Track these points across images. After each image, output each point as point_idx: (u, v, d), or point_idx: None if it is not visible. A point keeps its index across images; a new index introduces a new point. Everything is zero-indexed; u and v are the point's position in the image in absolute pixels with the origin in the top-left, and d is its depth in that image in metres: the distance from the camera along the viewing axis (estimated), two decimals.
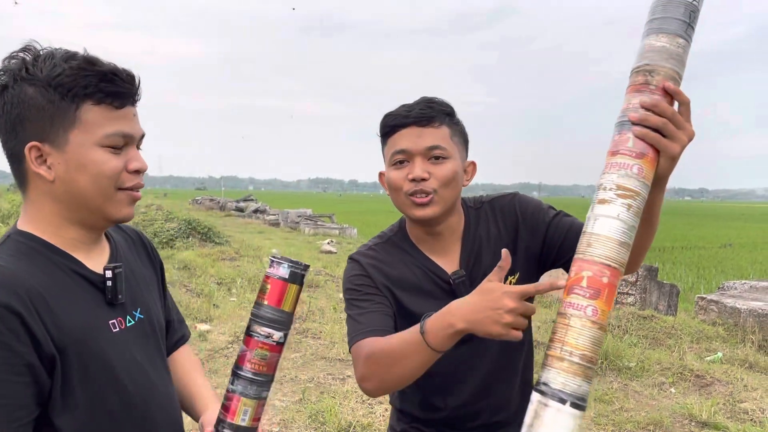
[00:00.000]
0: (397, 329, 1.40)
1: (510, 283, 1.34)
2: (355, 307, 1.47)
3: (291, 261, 1.11)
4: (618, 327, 6.59)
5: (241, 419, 1.10)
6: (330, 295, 8.47)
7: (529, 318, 1.17)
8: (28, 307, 0.95)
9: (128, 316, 1.13)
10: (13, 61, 1.01)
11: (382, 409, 4.50)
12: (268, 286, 1.11)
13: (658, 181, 1.13)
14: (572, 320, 0.99)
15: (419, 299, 1.47)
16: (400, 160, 1.42)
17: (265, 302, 1.10)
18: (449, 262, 1.50)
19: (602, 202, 1.04)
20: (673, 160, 1.08)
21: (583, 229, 1.07)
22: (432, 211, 1.41)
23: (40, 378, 0.97)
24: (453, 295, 1.40)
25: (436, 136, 1.41)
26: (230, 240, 14.49)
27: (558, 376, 0.98)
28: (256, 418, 1.11)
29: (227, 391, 1.12)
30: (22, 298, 0.95)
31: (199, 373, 1.40)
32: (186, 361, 1.40)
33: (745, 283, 8.13)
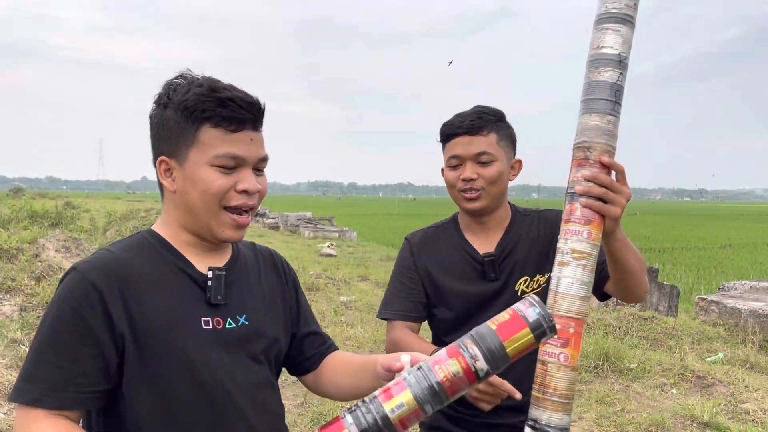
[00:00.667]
0: (427, 305, 1.80)
1: (538, 282, 1.73)
2: (398, 283, 1.83)
3: (545, 312, 0.99)
4: (619, 328, 6.60)
5: (391, 410, 0.97)
6: (330, 299, 8.47)
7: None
8: (112, 289, 1.08)
9: (230, 319, 1.20)
10: (166, 85, 1.16)
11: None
12: (507, 317, 1.00)
13: (609, 235, 1.38)
14: (549, 366, 1.26)
15: (450, 277, 1.78)
16: (455, 164, 1.73)
17: (494, 328, 0.99)
18: (486, 247, 1.78)
19: (561, 264, 1.28)
20: (615, 220, 1.32)
21: (549, 287, 1.30)
22: (480, 204, 1.72)
23: (108, 354, 1.07)
24: (483, 276, 1.74)
25: (484, 143, 1.69)
26: None
27: (544, 413, 1.25)
28: (403, 423, 0.98)
29: (399, 377, 1.02)
30: (109, 279, 1.08)
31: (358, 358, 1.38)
32: (345, 354, 1.42)
33: (745, 283, 8.14)
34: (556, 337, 1.21)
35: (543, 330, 0.99)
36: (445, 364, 0.98)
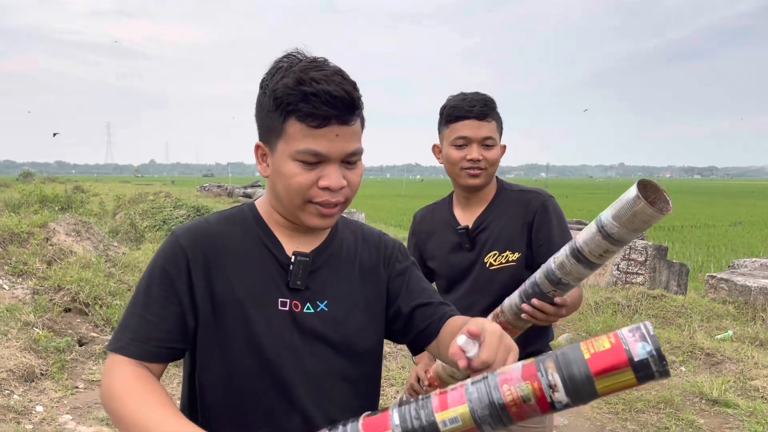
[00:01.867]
0: (423, 267, 2.01)
1: (506, 258, 1.90)
2: None
3: (657, 350, 0.78)
4: (628, 307, 6.60)
5: (443, 422, 0.85)
6: None
7: None
8: (198, 257, 1.14)
9: (308, 304, 1.20)
10: (273, 70, 1.14)
11: (393, 391, 4.54)
12: (607, 346, 0.80)
13: None
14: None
15: (437, 247, 2.03)
16: (461, 144, 1.88)
17: (587, 356, 0.81)
18: (467, 220, 1.98)
19: None
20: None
21: None
22: (480, 181, 1.91)
23: (187, 316, 1.13)
24: (460, 246, 1.96)
25: (489, 128, 1.87)
26: None
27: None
28: None
29: (461, 384, 0.89)
30: (198, 248, 1.15)
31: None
32: (461, 318, 1.28)
33: (755, 260, 8.09)
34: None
35: (650, 373, 0.78)
36: (515, 385, 0.83)
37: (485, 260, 1.92)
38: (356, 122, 1.13)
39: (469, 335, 0.97)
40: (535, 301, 1.58)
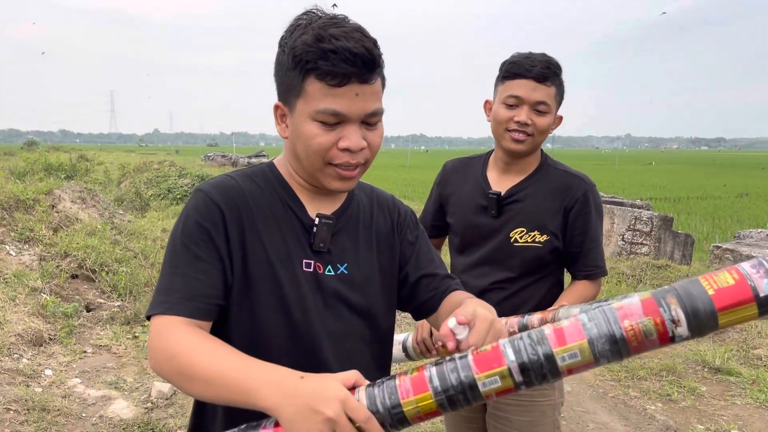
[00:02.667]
0: (444, 226, 2.01)
1: (533, 238, 1.80)
2: (427, 200, 2.09)
3: None
4: (632, 276, 6.61)
5: (561, 358, 0.86)
6: None
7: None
8: (233, 213, 1.12)
9: (330, 266, 1.20)
10: (291, 27, 1.10)
11: (395, 367, 4.58)
12: (731, 281, 0.82)
13: None
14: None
15: (462, 205, 1.93)
16: (512, 104, 1.76)
17: (710, 292, 0.83)
18: (502, 187, 1.86)
19: None
20: None
21: None
22: (523, 148, 1.79)
23: (227, 273, 1.11)
24: (485, 210, 1.85)
25: (546, 93, 1.74)
26: None
27: None
28: (570, 372, 0.87)
29: (573, 319, 0.89)
30: (231, 203, 1.13)
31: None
32: (461, 294, 1.31)
33: (761, 231, 8.06)
34: None
35: None
36: (635, 319, 0.84)
37: (510, 235, 1.82)
38: (377, 81, 1.09)
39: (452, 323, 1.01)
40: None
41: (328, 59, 1.03)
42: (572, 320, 0.88)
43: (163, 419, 3.59)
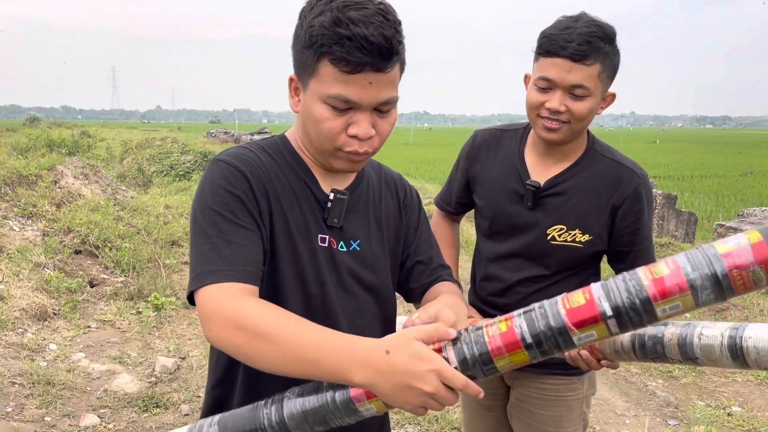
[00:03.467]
0: (469, 204, 1.84)
1: (573, 237, 1.62)
2: (450, 174, 1.89)
3: None
4: None
5: (662, 311, 0.81)
6: None
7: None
8: (258, 182, 1.10)
9: (342, 242, 1.20)
10: (312, 1, 1.06)
11: None
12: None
13: None
14: None
15: (494, 189, 1.72)
16: (544, 86, 1.52)
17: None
18: (540, 175, 1.65)
19: None
20: None
21: None
22: (557, 137, 1.56)
23: (264, 239, 1.09)
24: (521, 200, 1.65)
25: (584, 74, 1.46)
26: None
27: None
28: (668, 317, 0.83)
29: (674, 268, 0.81)
30: (255, 173, 1.10)
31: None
32: (445, 286, 1.32)
33: (765, 209, 8.03)
34: None
35: None
36: (745, 268, 0.77)
37: (548, 232, 1.64)
38: (393, 69, 1.05)
39: (409, 322, 1.01)
40: (583, 352, 1.32)
41: (343, 45, 0.99)
42: (672, 270, 0.81)
43: (167, 393, 3.63)
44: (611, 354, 1.27)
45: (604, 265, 1.78)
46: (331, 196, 1.18)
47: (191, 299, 1.04)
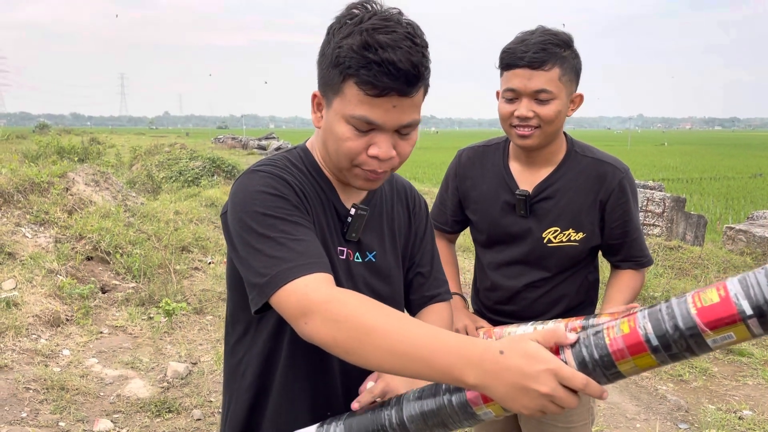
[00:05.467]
0: (463, 221, 1.88)
1: (568, 237, 1.69)
2: (439, 194, 1.94)
3: None
4: None
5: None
6: None
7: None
8: (299, 191, 1.12)
9: (358, 253, 1.22)
10: (345, 12, 1.08)
11: None
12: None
13: None
14: None
15: (486, 203, 1.78)
16: (510, 97, 1.62)
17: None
18: (527, 183, 1.73)
19: None
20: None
21: None
22: (531, 142, 1.64)
23: (318, 236, 1.12)
24: (514, 210, 1.72)
25: (545, 79, 1.56)
26: None
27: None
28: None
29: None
30: (295, 183, 1.12)
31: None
32: (433, 316, 1.35)
33: None
34: None
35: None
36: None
37: (543, 236, 1.70)
38: (418, 93, 1.07)
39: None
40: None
41: (371, 70, 1.00)
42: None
43: (179, 398, 3.65)
44: None
45: (603, 263, 1.84)
46: (353, 211, 1.20)
47: (263, 309, 1.03)
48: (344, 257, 1.20)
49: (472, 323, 1.78)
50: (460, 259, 6.31)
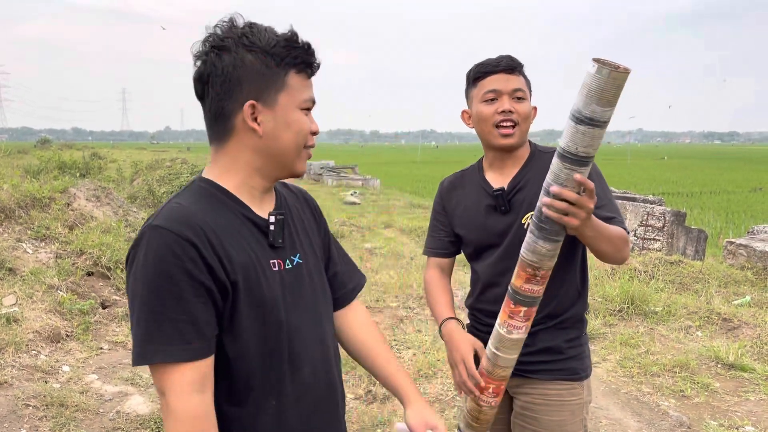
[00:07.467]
0: (457, 241, 2.00)
1: (526, 219, 1.81)
2: (431, 225, 2.08)
3: None
4: (644, 272, 6.58)
5: None
6: (355, 245, 8.56)
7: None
8: (203, 241, 1.10)
9: (287, 260, 1.26)
10: (226, 30, 1.16)
11: (410, 354, 4.60)
12: None
13: (577, 236, 1.56)
14: (484, 409, 1.78)
15: (471, 212, 1.93)
16: (491, 98, 1.80)
17: None
18: (502, 183, 1.88)
19: (501, 346, 1.69)
20: (575, 229, 1.48)
21: (488, 358, 1.73)
22: (514, 141, 1.81)
23: (217, 301, 1.12)
24: (495, 209, 1.86)
25: (518, 81, 1.81)
26: None
27: None
28: None
29: None
30: (197, 232, 1.10)
31: (381, 343, 1.49)
32: (368, 328, 1.50)
33: None
34: (492, 389, 1.74)
35: None
36: None
37: (522, 222, 1.82)
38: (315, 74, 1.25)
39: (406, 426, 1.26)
40: (554, 188, 1.43)
41: (309, 53, 1.19)
42: None
43: None
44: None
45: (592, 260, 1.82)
46: (272, 218, 1.24)
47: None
48: (277, 268, 1.22)
49: (468, 351, 1.81)
50: (458, 270, 6.29)
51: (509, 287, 1.63)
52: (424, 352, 4.59)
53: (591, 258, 1.92)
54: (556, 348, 1.83)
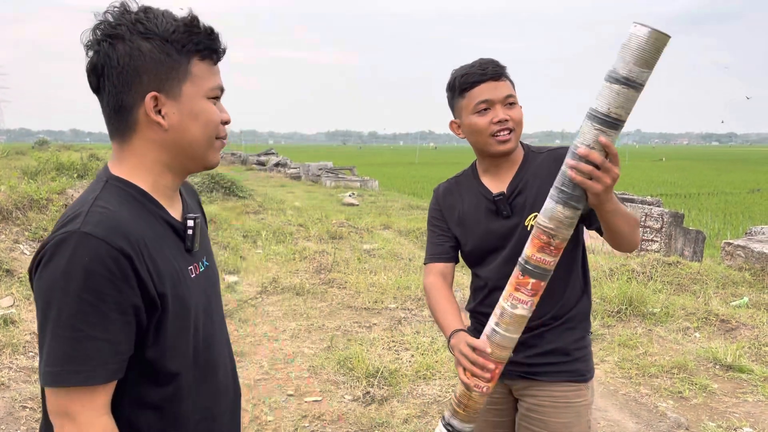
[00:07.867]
0: (457, 246, 1.96)
1: (529, 221, 1.81)
2: (429, 231, 2.03)
3: None
4: (642, 273, 6.58)
5: None
6: (354, 247, 8.55)
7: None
8: (137, 252, 1.02)
9: (199, 263, 1.22)
10: (117, 16, 1.06)
11: (408, 356, 4.60)
12: None
13: (598, 206, 1.51)
14: (473, 394, 1.65)
15: (471, 218, 1.91)
16: (484, 108, 1.77)
17: None
18: (500, 187, 1.87)
19: (501, 321, 1.60)
20: (597, 195, 1.44)
21: (486, 335, 1.64)
22: (511, 146, 1.80)
23: (141, 318, 1.05)
24: (497, 213, 1.84)
25: (507, 87, 1.79)
26: (253, 193, 14.59)
27: (458, 422, 1.71)
28: None
29: None
30: (131, 243, 1.02)
31: None
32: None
33: None
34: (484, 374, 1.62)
35: None
36: None
37: (526, 224, 1.80)
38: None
39: None
40: (581, 149, 1.40)
41: (213, 39, 1.11)
42: None
43: None
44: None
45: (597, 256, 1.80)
46: (191, 223, 1.18)
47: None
48: (194, 275, 1.18)
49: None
50: (458, 274, 6.31)
51: (519, 259, 1.58)
52: (423, 354, 4.59)
53: (589, 258, 1.91)
54: (563, 349, 1.83)
